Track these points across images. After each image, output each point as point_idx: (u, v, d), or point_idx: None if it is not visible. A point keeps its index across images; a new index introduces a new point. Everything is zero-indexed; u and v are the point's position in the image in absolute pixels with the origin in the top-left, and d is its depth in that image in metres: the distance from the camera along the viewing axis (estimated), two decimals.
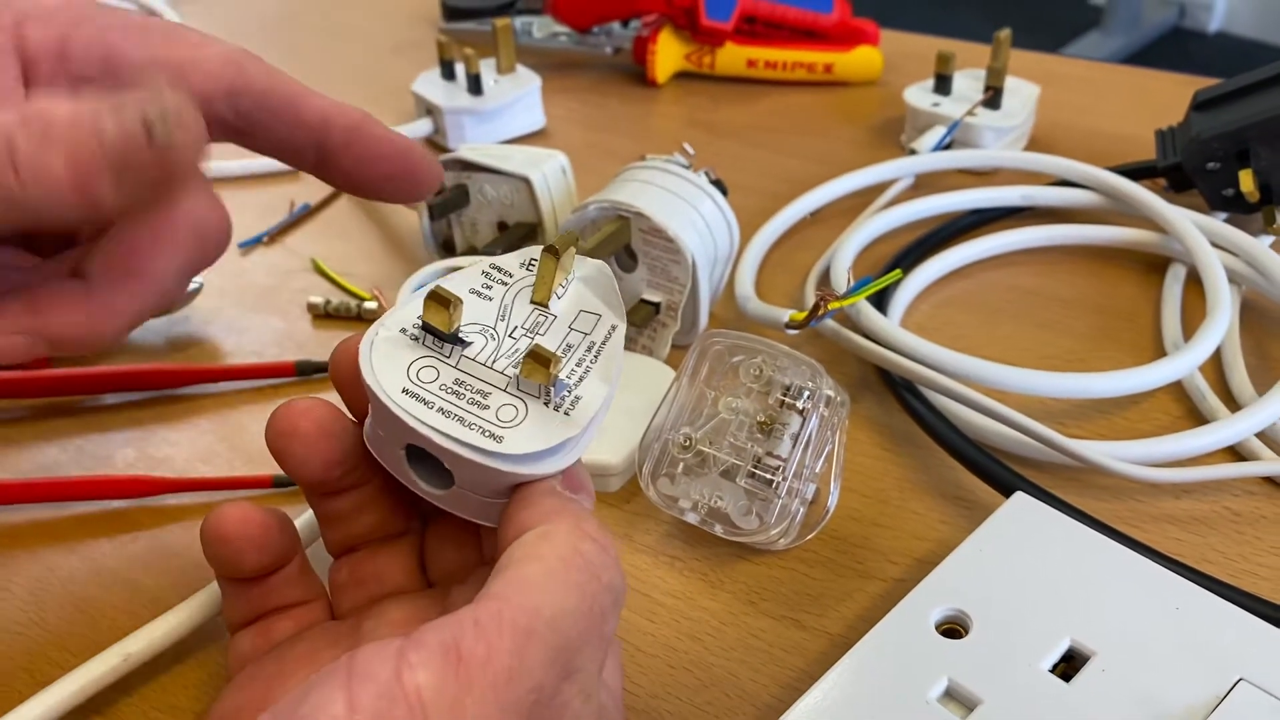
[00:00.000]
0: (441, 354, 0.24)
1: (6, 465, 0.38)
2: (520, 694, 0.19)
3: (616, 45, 0.63)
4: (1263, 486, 0.34)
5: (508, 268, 0.26)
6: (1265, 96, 0.43)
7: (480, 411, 0.23)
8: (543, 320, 0.25)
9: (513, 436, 0.23)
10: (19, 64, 0.26)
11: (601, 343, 0.25)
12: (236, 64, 0.27)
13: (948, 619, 0.28)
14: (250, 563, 0.26)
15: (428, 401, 0.23)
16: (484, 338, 0.24)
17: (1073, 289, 0.44)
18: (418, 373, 0.23)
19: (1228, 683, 0.25)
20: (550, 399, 0.23)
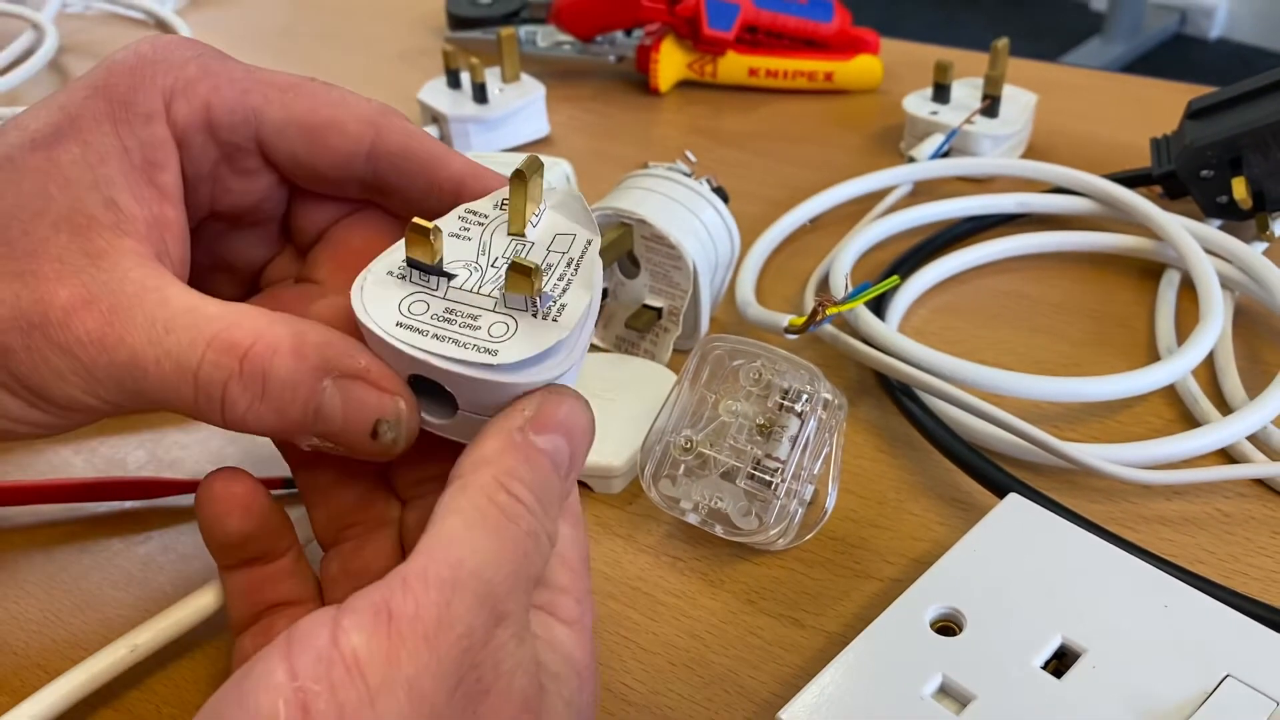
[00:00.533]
0: (429, 288, 0.25)
1: (22, 467, 0.39)
2: (451, 641, 0.20)
3: (619, 54, 0.63)
4: (1253, 488, 0.35)
5: (482, 210, 0.27)
6: (1258, 105, 0.43)
7: (473, 332, 0.24)
8: (521, 248, 0.26)
9: (506, 348, 0.24)
10: (177, 152, 0.26)
11: (579, 257, 0.26)
12: (375, 125, 0.27)
13: (942, 617, 0.28)
14: (234, 526, 0.27)
15: (421, 330, 0.24)
16: (468, 270, 0.25)
17: (1068, 295, 0.44)
18: (409, 307, 0.24)
19: (1215, 679, 0.26)
20: (537, 310, 0.24)
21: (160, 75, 0.26)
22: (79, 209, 0.24)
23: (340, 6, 0.78)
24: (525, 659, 0.22)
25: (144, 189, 0.25)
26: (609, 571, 0.34)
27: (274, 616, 0.28)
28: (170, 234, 0.26)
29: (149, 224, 0.25)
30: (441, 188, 0.28)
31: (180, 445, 0.40)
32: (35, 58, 0.66)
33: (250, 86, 0.27)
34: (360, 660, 0.19)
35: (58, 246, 0.24)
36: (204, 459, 0.39)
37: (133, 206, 0.25)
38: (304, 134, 0.27)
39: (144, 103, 0.26)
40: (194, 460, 0.39)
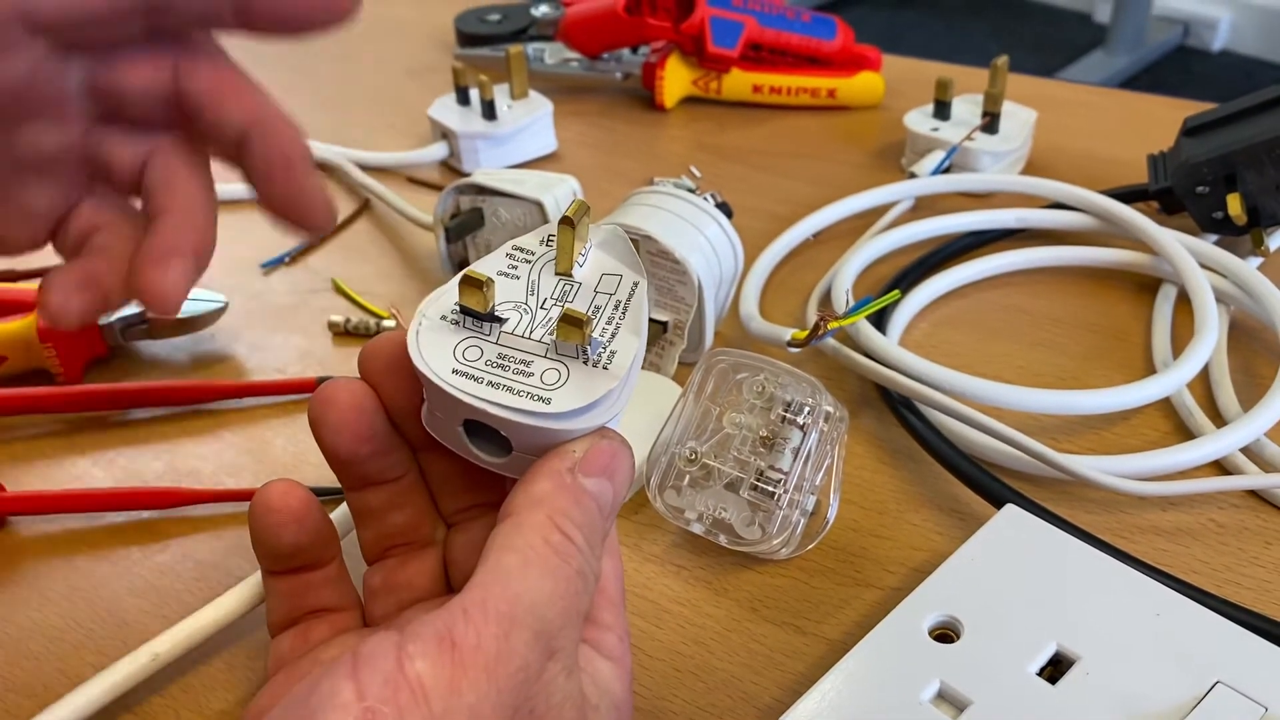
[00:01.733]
0: (482, 333, 0.26)
1: (43, 477, 0.40)
2: (510, 674, 0.21)
3: (626, 71, 0.64)
4: (1246, 500, 0.36)
5: (529, 247, 0.28)
6: (1253, 123, 0.44)
7: (526, 379, 0.25)
8: (570, 289, 0.27)
9: (559, 396, 0.25)
10: None
11: (627, 299, 0.27)
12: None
13: (940, 625, 0.29)
14: (288, 538, 0.28)
15: (477, 378, 0.25)
16: (518, 313, 0.26)
17: (1066, 309, 0.45)
18: (463, 353, 0.25)
19: (1205, 685, 0.27)
20: (588, 357, 0.25)
21: None
22: None
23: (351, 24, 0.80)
24: (573, 692, 0.23)
25: None
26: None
27: (312, 621, 0.29)
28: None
29: None
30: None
31: (198, 456, 0.40)
32: None
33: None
34: (425, 685, 0.20)
35: None
36: (220, 469, 0.40)
37: None
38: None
39: None
40: (211, 471, 0.40)
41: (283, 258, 0.52)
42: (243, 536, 0.37)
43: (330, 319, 0.47)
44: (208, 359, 0.46)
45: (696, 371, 0.35)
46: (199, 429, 0.42)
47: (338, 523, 0.31)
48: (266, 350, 0.46)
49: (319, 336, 0.47)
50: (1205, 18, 2.20)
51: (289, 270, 0.51)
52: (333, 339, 0.46)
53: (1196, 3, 2.21)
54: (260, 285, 0.50)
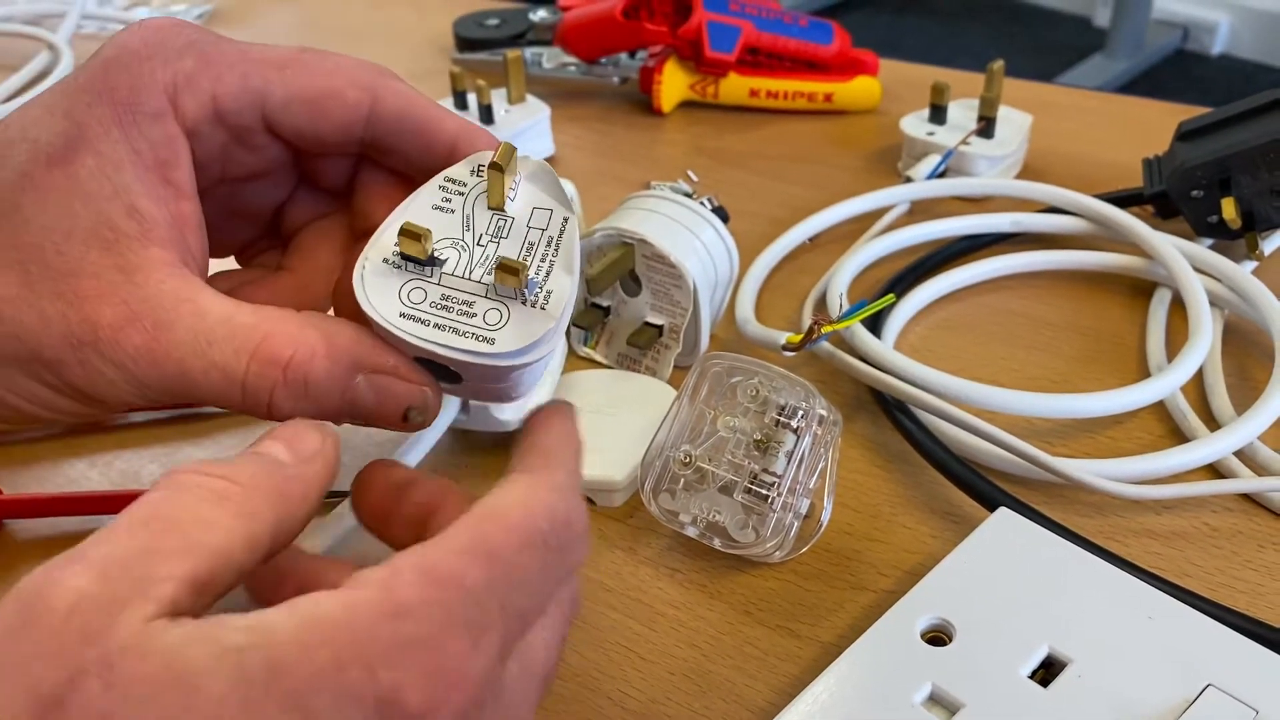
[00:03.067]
0: (424, 275, 0.27)
1: (40, 480, 0.40)
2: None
3: (623, 75, 0.65)
4: (1240, 503, 0.36)
5: (459, 177, 0.28)
6: (1247, 127, 0.44)
7: (469, 319, 0.26)
8: (503, 223, 0.28)
9: (502, 336, 0.26)
10: (188, 147, 0.27)
11: (558, 235, 0.28)
12: (372, 90, 0.29)
13: (933, 627, 0.29)
14: None
15: (423, 320, 0.26)
16: (456, 251, 0.27)
17: (1061, 312, 0.45)
18: (408, 295, 0.26)
19: (1197, 688, 0.27)
20: (526, 297, 0.27)
21: (159, 71, 0.27)
22: (104, 222, 0.26)
23: (350, 28, 0.80)
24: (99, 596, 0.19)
25: (160, 189, 0.27)
26: (610, 583, 0.35)
27: None
28: (189, 229, 0.27)
29: (169, 224, 0.27)
30: (436, 148, 0.29)
31: (194, 459, 0.41)
32: (51, 78, 0.68)
33: (249, 70, 0.28)
34: None
35: (92, 264, 0.25)
36: None
37: (152, 210, 0.26)
38: (306, 108, 0.29)
39: (148, 103, 0.27)
40: None
41: None
42: None
43: None
44: None
45: (691, 375, 0.35)
46: (196, 432, 0.42)
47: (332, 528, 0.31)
48: None
49: None
50: (1204, 22, 2.21)
51: None
52: None
53: (1195, 7, 2.22)
54: None
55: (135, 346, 0.25)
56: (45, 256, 0.25)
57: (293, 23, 0.82)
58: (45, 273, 0.25)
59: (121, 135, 0.26)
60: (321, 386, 0.26)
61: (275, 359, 0.25)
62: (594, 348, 0.44)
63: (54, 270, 0.25)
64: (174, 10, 0.81)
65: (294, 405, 0.26)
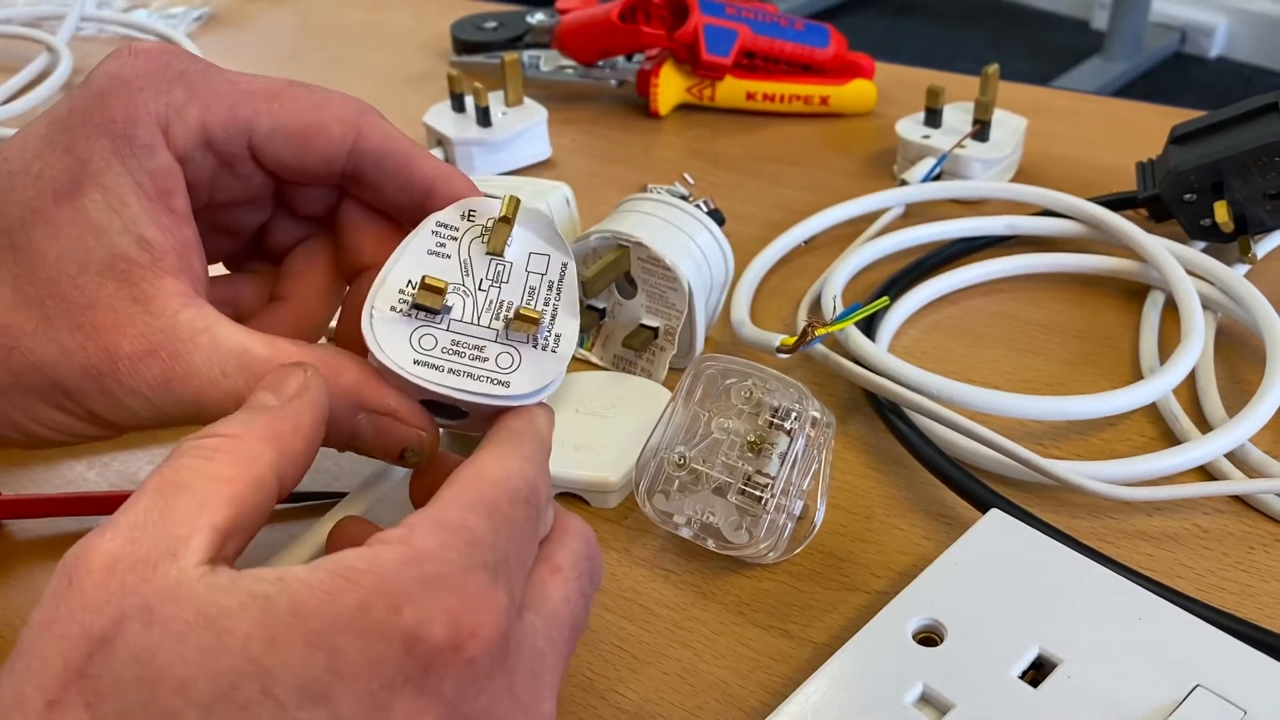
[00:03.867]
0: (432, 322, 0.28)
1: (38, 480, 0.40)
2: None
3: (620, 78, 0.65)
4: (1231, 505, 0.36)
5: (451, 222, 0.29)
6: (1239, 131, 0.45)
7: (482, 364, 0.27)
8: (501, 268, 0.29)
9: (516, 379, 0.27)
10: (182, 174, 0.28)
11: (559, 280, 0.29)
12: (356, 126, 0.30)
13: (924, 628, 0.29)
14: None
15: (437, 366, 0.27)
16: (459, 297, 0.28)
17: (1055, 315, 0.46)
18: (419, 342, 0.27)
19: (1185, 688, 0.27)
20: (537, 342, 0.28)
21: (151, 103, 0.28)
22: (118, 255, 0.27)
23: (348, 31, 0.80)
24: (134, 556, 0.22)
25: (164, 218, 0.28)
26: (604, 584, 0.35)
27: None
28: (192, 253, 0.29)
29: (177, 252, 0.28)
30: (414, 186, 0.30)
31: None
32: (50, 80, 0.68)
33: (237, 100, 0.29)
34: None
35: (109, 297, 0.26)
36: None
37: (160, 239, 0.27)
38: (291, 140, 0.29)
39: (144, 135, 0.28)
40: None
41: None
42: None
43: (331, 325, 0.47)
44: None
45: (685, 377, 0.35)
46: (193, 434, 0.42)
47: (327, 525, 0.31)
48: None
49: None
50: (1202, 25, 2.21)
51: None
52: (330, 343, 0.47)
53: (1193, 10, 2.22)
54: None
55: (154, 376, 0.26)
56: (62, 290, 0.26)
57: (290, 25, 0.82)
58: (62, 306, 0.26)
59: (123, 168, 0.27)
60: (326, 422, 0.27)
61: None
62: (589, 349, 0.45)
63: (71, 303, 0.26)
64: (172, 13, 0.81)
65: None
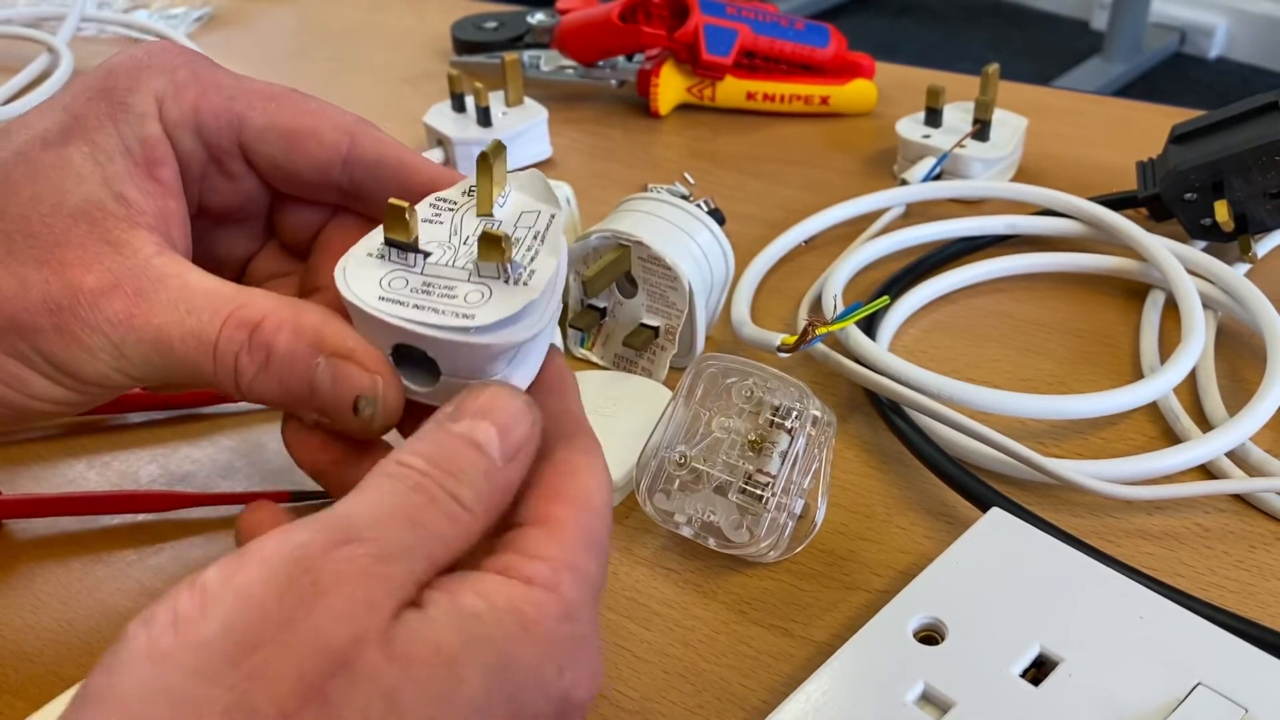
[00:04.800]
0: (407, 265, 0.27)
1: (38, 480, 0.40)
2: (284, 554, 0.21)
3: (621, 78, 0.65)
4: (1231, 504, 0.36)
5: (451, 198, 0.29)
6: (1239, 130, 0.45)
7: (450, 301, 0.26)
8: (491, 226, 0.28)
9: (482, 311, 0.25)
10: (172, 150, 0.28)
11: (545, 229, 0.28)
12: (350, 134, 0.29)
13: (925, 627, 0.29)
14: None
15: (402, 302, 0.26)
16: (442, 249, 0.27)
17: (1055, 314, 0.46)
18: (389, 283, 0.26)
19: (1187, 687, 0.27)
20: (509, 276, 0.26)
21: (153, 78, 0.28)
22: (93, 202, 0.26)
23: (349, 31, 0.80)
24: (380, 575, 0.21)
25: (148, 184, 0.27)
26: (606, 583, 0.35)
27: None
28: (174, 224, 0.28)
29: (156, 215, 0.27)
30: (413, 193, 0.29)
31: (191, 460, 0.41)
32: (51, 80, 0.68)
33: (236, 94, 0.29)
34: (205, 580, 0.20)
35: (79, 236, 0.26)
36: (214, 473, 0.40)
37: (140, 200, 0.27)
38: (283, 140, 0.29)
39: (139, 104, 0.28)
40: (204, 474, 0.40)
41: None
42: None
43: None
44: None
45: (686, 376, 0.35)
46: (193, 433, 0.42)
47: None
48: None
49: None
50: (1202, 25, 2.21)
51: None
52: None
53: (1193, 10, 2.22)
54: None
55: (115, 311, 0.25)
56: (31, 226, 0.26)
57: (291, 25, 0.82)
58: (29, 242, 0.26)
59: (114, 130, 0.27)
60: (284, 360, 0.26)
61: (245, 323, 0.26)
62: (590, 349, 0.45)
63: (38, 240, 0.26)
64: (173, 13, 0.81)
65: (255, 374, 0.26)
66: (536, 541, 0.24)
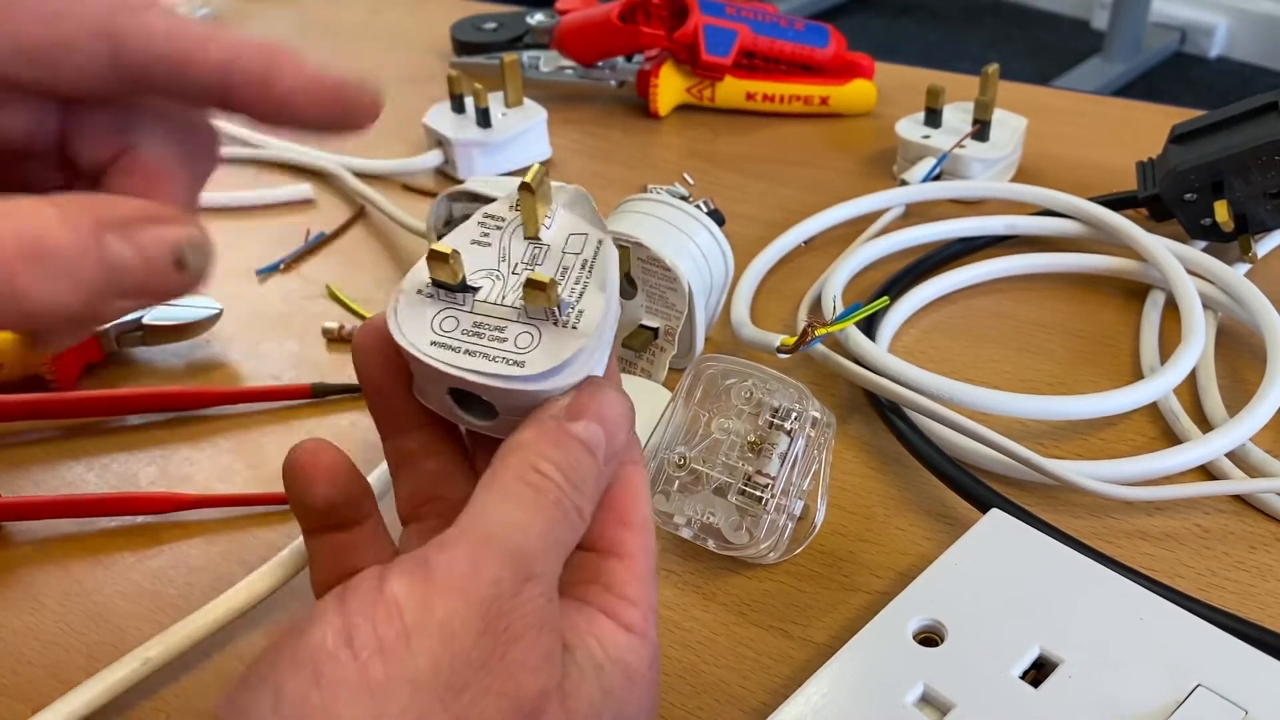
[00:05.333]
0: (456, 304, 0.27)
1: (37, 482, 0.40)
2: (480, 590, 0.22)
3: (620, 79, 0.65)
4: (1231, 504, 0.36)
5: (499, 213, 0.28)
6: (1239, 130, 0.44)
7: (500, 345, 0.26)
8: (539, 251, 0.28)
9: (532, 359, 0.26)
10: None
11: (592, 257, 0.27)
12: (109, 36, 0.24)
13: (925, 628, 0.29)
14: (320, 493, 0.27)
15: (454, 348, 0.26)
16: (490, 280, 0.27)
17: (1055, 315, 0.46)
18: (440, 324, 0.26)
19: (1186, 688, 0.27)
20: (558, 319, 0.26)
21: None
22: None
23: (349, 32, 0.80)
24: (551, 617, 0.23)
25: None
26: None
27: None
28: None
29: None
30: (203, 82, 0.25)
31: (190, 462, 0.41)
32: None
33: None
34: (400, 602, 0.21)
35: None
36: (213, 475, 0.40)
37: None
38: (30, 62, 0.24)
39: None
40: (203, 476, 0.40)
41: (278, 264, 0.52)
42: (235, 541, 0.37)
43: (324, 325, 0.47)
44: (202, 365, 0.46)
45: (686, 377, 0.35)
46: (193, 435, 0.42)
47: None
48: (261, 357, 0.46)
49: (313, 343, 0.47)
50: (1202, 24, 2.21)
51: (284, 277, 0.51)
52: (327, 345, 0.47)
53: (1193, 10, 2.22)
54: (255, 292, 0.50)
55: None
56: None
57: (290, 26, 0.82)
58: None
59: None
60: (64, 254, 0.22)
61: (5, 235, 0.21)
62: None
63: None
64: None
65: (43, 288, 0.21)
66: (622, 577, 0.26)
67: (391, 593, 0.21)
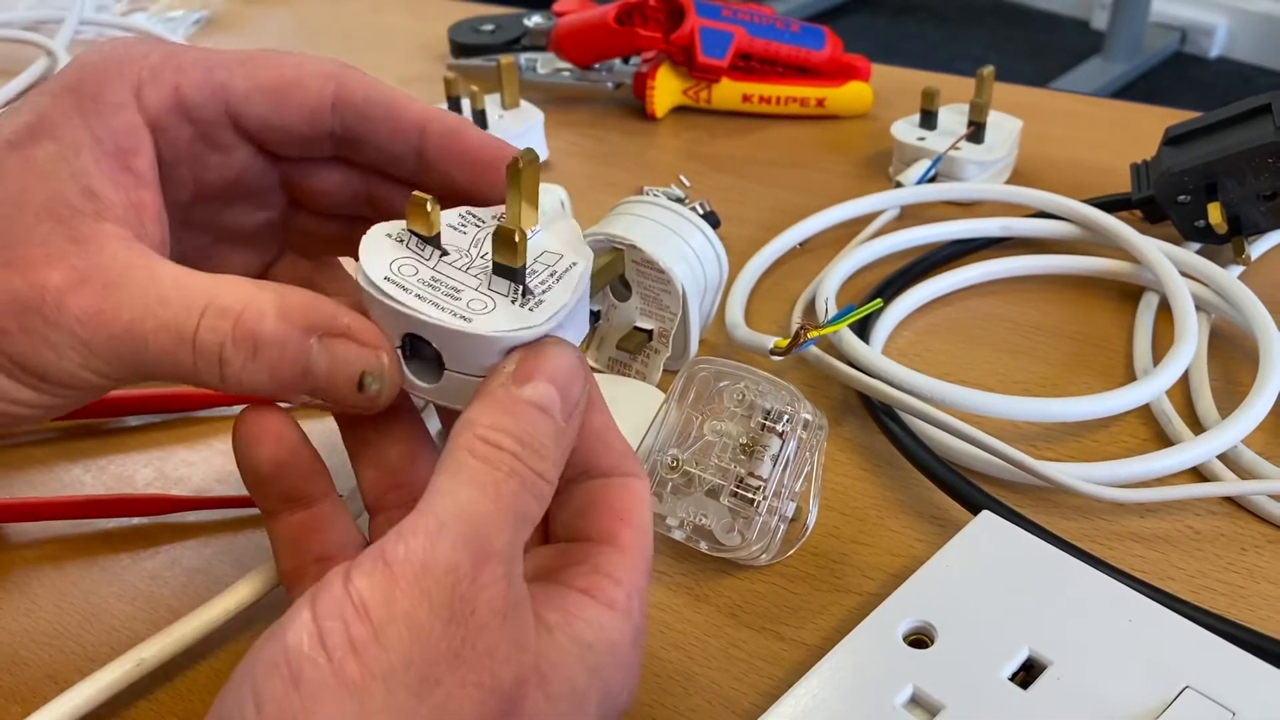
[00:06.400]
0: (421, 255, 0.27)
1: (34, 484, 0.40)
2: (438, 578, 0.22)
3: (617, 81, 0.65)
4: (1223, 506, 0.36)
5: (481, 215, 0.29)
6: (1233, 133, 0.45)
7: (452, 301, 0.26)
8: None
9: (480, 320, 0.25)
10: (151, 138, 0.28)
11: (564, 271, 0.27)
12: (335, 78, 0.29)
13: (915, 630, 0.29)
14: (266, 454, 0.28)
15: (405, 288, 0.26)
16: (459, 254, 0.27)
17: (1048, 317, 0.46)
18: (399, 268, 0.26)
19: (1174, 690, 0.27)
20: (518, 298, 0.26)
21: (127, 68, 0.27)
22: (59, 200, 0.26)
23: (347, 34, 0.80)
24: (519, 599, 0.23)
25: (120, 175, 0.27)
26: None
27: (322, 569, 0.29)
28: (147, 216, 0.27)
29: (126, 208, 0.26)
30: (405, 130, 0.29)
31: (187, 463, 0.41)
32: None
33: (214, 65, 0.28)
34: (365, 600, 0.21)
35: (42, 234, 0.25)
36: (210, 476, 0.40)
37: (110, 193, 0.26)
38: (269, 97, 0.29)
39: (113, 95, 0.27)
40: (200, 477, 0.40)
41: None
42: (231, 543, 0.37)
43: None
44: None
45: (678, 379, 0.35)
46: (189, 436, 0.42)
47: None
48: None
49: None
50: (1202, 25, 2.21)
51: None
52: None
53: (1194, 10, 2.22)
54: None
55: (83, 308, 0.24)
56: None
57: (288, 28, 0.82)
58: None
59: (82, 122, 0.26)
60: (272, 346, 0.25)
61: (225, 313, 0.25)
62: (584, 351, 0.45)
63: (3, 241, 0.25)
64: (171, 16, 0.82)
65: (243, 365, 0.25)
66: (613, 560, 0.26)
67: (357, 591, 0.21)
